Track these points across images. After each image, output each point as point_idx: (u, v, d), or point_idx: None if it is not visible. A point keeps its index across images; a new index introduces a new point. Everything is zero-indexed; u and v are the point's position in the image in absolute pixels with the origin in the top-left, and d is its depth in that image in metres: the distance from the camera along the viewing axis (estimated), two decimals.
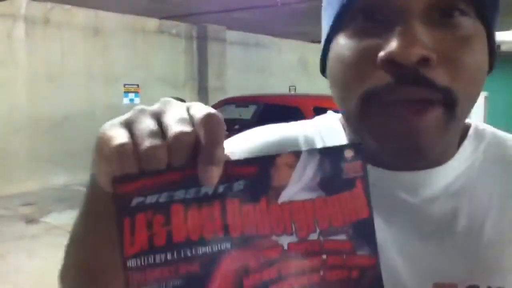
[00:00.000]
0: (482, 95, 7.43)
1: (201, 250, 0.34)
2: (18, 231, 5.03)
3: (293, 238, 0.36)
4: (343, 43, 0.48)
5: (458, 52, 0.45)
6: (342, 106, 0.51)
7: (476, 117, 7.35)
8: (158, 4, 7.26)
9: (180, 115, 0.35)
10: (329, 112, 0.63)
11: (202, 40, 9.33)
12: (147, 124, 0.35)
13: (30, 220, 5.43)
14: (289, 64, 11.38)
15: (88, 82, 7.66)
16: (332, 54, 0.51)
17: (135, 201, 0.33)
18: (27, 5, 6.92)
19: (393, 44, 0.43)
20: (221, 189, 0.35)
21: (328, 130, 0.59)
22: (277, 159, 0.36)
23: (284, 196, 0.36)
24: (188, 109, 0.37)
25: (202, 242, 0.34)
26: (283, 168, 0.36)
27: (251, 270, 0.35)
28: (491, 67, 0.51)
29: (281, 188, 0.36)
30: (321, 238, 0.36)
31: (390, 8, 0.45)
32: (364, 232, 0.36)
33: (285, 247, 0.36)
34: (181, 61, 9.23)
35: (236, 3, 6.96)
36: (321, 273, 0.36)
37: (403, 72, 0.43)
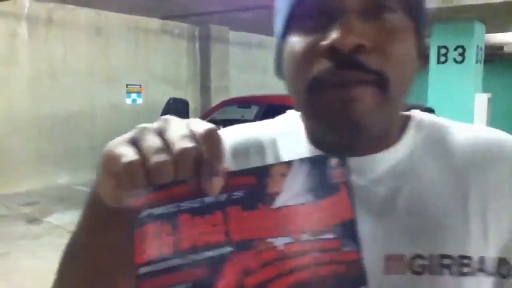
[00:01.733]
0: (486, 96, 7.39)
1: (207, 254, 0.38)
2: (20, 231, 5.03)
3: (287, 240, 0.39)
4: (293, 41, 0.56)
5: (387, 41, 0.52)
6: (294, 96, 0.58)
7: (479, 118, 7.32)
8: (161, 4, 7.26)
9: (182, 131, 0.39)
10: (289, 112, 0.70)
11: (205, 40, 9.34)
12: (152, 141, 0.38)
13: (32, 220, 5.44)
14: None
15: (91, 81, 7.67)
16: (285, 53, 0.58)
17: (146, 212, 0.37)
18: (30, 4, 6.93)
19: (332, 35, 0.51)
20: (222, 198, 0.38)
21: (289, 128, 0.67)
22: (271, 168, 0.40)
23: (279, 202, 0.39)
24: (188, 126, 0.40)
25: (207, 247, 0.38)
26: (277, 176, 0.39)
27: (252, 271, 0.39)
28: (424, 59, 0.59)
29: (276, 194, 0.39)
30: (312, 238, 0.40)
31: (331, 8, 0.52)
32: (348, 231, 0.40)
33: (281, 248, 0.39)
34: (184, 61, 9.24)
35: (239, 4, 6.95)
36: (313, 269, 0.40)
37: (341, 57, 0.50)
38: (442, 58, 7.29)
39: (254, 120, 7.57)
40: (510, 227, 0.56)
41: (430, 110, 5.56)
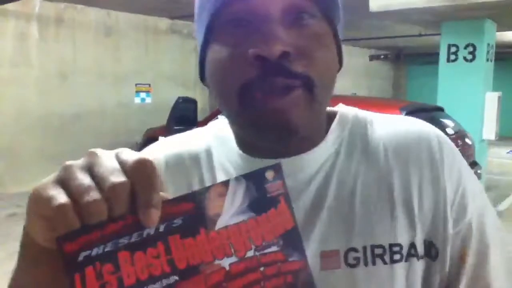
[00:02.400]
0: (496, 95, 7.33)
1: None
2: None
3: (233, 259, 0.39)
4: (217, 48, 0.56)
5: (310, 46, 0.54)
6: (222, 104, 0.59)
7: (490, 116, 7.25)
8: (169, 4, 7.28)
9: (111, 165, 0.37)
10: (220, 117, 0.74)
11: None
12: (81, 180, 0.37)
13: None
14: None
15: (100, 81, 7.71)
16: (209, 60, 0.58)
17: (82, 255, 0.36)
18: (41, 4, 6.98)
19: (259, 43, 0.52)
20: (162, 228, 0.38)
21: (221, 134, 0.68)
22: (208, 191, 0.40)
23: (220, 223, 0.39)
24: (117, 157, 0.39)
25: (152, 280, 0.37)
26: (215, 198, 0.40)
27: None
28: (341, 62, 0.61)
29: (217, 216, 0.39)
30: (257, 254, 0.40)
31: (254, 16, 0.54)
32: (291, 241, 0.41)
33: (228, 268, 0.39)
34: (192, 61, 9.25)
35: None
36: (262, 284, 0.40)
37: (269, 65, 0.52)
38: (452, 57, 7.24)
39: None
40: (432, 210, 0.59)
41: (440, 109, 5.52)
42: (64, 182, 0.37)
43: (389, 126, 0.64)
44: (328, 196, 0.59)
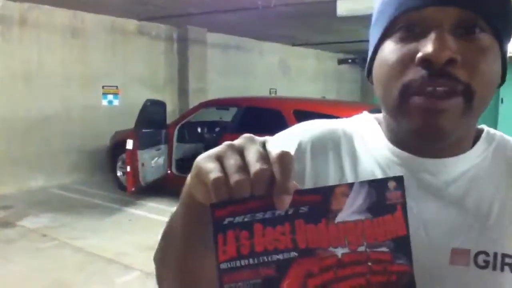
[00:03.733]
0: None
1: (275, 257, 0.45)
2: None
3: (345, 250, 0.46)
4: (388, 49, 0.62)
5: (476, 58, 0.58)
6: (383, 99, 0.64)
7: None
8: (138, 6, 7.20)
9: (259, 153, 0.45)
10: (365, 113, 0.77)
11: (183, 42, 9.29)
12: (235, 160, 0.45)
13: (5, 224, 5.32)
14: (270, 67, 11.41)
15: (66, 83, 7.54)
16: (378, 58, 0.64)
17: (227, 220, 0.44)
18: (3, 4, 6.79)
19: (428, 47, 0.56)
20: (290, 211, 0.45)
21: (366, 127, 0.73)
22: (334, 189, 0.46)
23: (340, 218, 0.46)
24: (264, 147, 0.46)
25: (276, 251, 0.45)
26: (339, 196, 0.46)
27: (314, 274, 0.46)
28: (503, 78, 0.64)
29: (338, 211, 0.46)
30: (368, 250, 0.46)
31: (427, 23, 0.58)
32: (401, 246, 0.46)
33: (339, 257, 0.46)
34: (161, 63, 9.17)
35: (217, 5, 6.95)
36: (367, 276, 0.46)
37: (434, 69, 0.56)
38: None
39: (232, 122, 7.47)
40: None
41: None
42: (222, 158, 0.45)
43: None
44: (467, 201, 0.65)
